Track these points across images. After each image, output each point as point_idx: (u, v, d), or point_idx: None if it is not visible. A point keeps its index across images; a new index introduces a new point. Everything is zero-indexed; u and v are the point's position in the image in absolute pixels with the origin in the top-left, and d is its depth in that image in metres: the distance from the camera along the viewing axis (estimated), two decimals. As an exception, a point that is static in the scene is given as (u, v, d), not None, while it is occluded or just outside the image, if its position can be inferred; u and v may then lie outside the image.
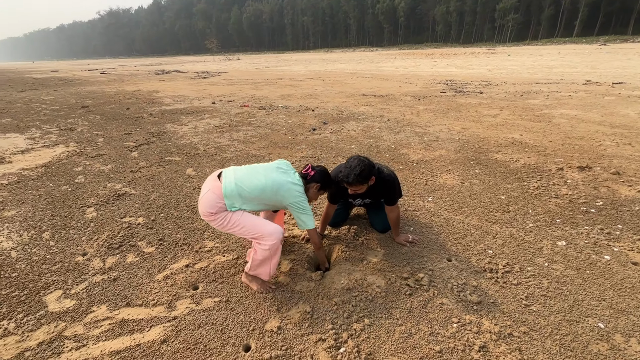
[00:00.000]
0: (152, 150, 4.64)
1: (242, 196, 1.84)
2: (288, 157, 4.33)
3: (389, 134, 5.38)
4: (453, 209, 2.95)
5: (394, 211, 2.35)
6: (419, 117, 6.58)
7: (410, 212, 2.91)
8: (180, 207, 3.04)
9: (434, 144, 4.85)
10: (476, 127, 5.72)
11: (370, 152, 4.52)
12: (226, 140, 5.17)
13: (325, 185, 2.07)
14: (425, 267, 2.17)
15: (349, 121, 6.31)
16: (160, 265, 2.23)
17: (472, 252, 2.33)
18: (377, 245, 2.43)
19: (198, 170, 3.92)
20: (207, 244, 2.48)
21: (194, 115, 6.98)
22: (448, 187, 3.38)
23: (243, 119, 6.56)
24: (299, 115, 6.90)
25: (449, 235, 2.54)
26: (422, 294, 1.94)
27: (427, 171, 3.82)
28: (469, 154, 4.40)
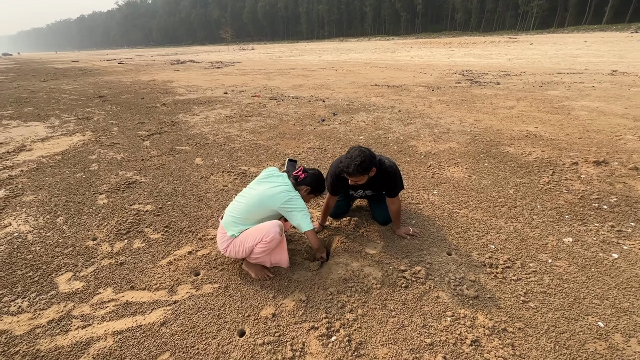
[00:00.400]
0: (163, 140, 4.74)
1: (235, 222, 1.98)
2: (295, 148, 4.35)
3: (399, 126, 5.31)
4: (458, 203, 2.91)
5: (394, 203, 2.34)
6: (431, 108, 6.45)
7: (413, 205, 2.88)
8: (187, 196, 3.11)
9: (444, 136, 4.76)
10: (490, 119, 5.56)
11: (378, 144, 4.48)
12: (235, 130, 5.22)
13: (316, 189, 2.09)
14: (424, 260, 2.16)
15: (359, 112, 6.25)
16: (164, 252, 2.31)
17: (473, 247, 2.30)
18: (377, 237, 2.43)
19: (206, 160, 3.99)
20: (211, 232, 2.54)
21: (205, 105, 7.06)
22: (455, 181, 3.33)
23: (253, 110, 6.59)
24: (309, 105, 6.87)
25: (451, 229, 2.51)
26: (418, 287, 1.93)
27: (434, 164, 3.76)
28: (479, 146, 4.29)
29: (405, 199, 3.00)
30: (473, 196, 3.02)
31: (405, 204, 2.92)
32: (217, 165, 3.83)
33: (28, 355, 1.60)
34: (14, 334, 1.70)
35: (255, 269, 2.06)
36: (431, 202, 2.93)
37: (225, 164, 3.87)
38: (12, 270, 2.13)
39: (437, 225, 2.58)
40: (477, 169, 3.59)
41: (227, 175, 3.55)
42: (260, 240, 1.90)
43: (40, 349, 1.63)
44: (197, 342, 1.65)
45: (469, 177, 3.40)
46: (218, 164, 3.85)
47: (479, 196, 3.01)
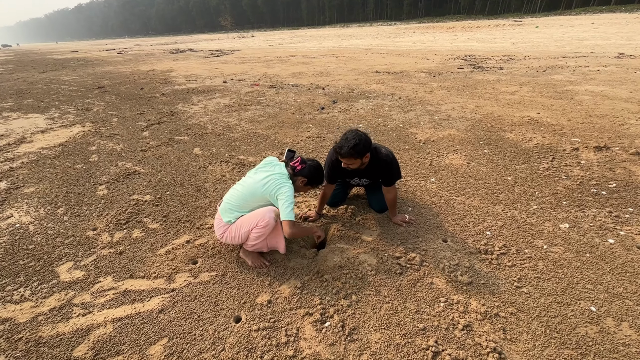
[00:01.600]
0: (162, 130, 4.74)
1: (232, 209, 2.00)
2: (294, 137, 4.33)
3: (399, 113, 5.25)
4: (455, 190, 2.90)
5: (390, 192, 2.34)
6: (432, 94, 6.36)
7: (410, 193, 2.88)
8: (186, 186, 3.13)
9: (444, 123, 4.71)
10: (491, 105, 5.48)
11: (377, 132, 4.45)
12: (234, 119, 5.20)
13: (313, 180, 2.09)
14: (419, 247, 2.17)
15: (359, 100, 6.19)
16: (163, 241, 2.34)
17: (469, 234, 2.31)
18: (374, 225, 2.44)
19: (205, 150, 3.99)
20: (209, 222, 2.56)
21: (204, 94, 7.02)
22: (453, 168, 3.32)
23: (252, 98, 6.54)
24: (308, 94, 6.81)
25: (447, 216, 2.52)
26: (413, 274, 1.95)
27: (433, 151, 3.74)
28: (479, 133, 4.25)
29: (402, 186, 3.00)
30: (471, 183, 3.01)
31: (402, 191, 2.91)
32: (215, 155, 3.83)
33: (31, 342, 1.65)
34: (17, 321, 1.75)
35: (252, 257, 2.09)
36: (428, 190, 2.92)
37: (224, 153, 3.87)
38: (15, 260, 2.17)
39: (434, 212, 2.58)
40: (477, 156, 3.57)
41: (225, 165, 3.55)
42: (256, 225, 1.92)
43: (42, 335, 1.68)
44: (194, 328, 1.69)
45: (468, 164, 3.38)
46: (216, 154, 3.85)
47: (477, 183, 3.00)
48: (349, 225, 2.44)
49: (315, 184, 2.14)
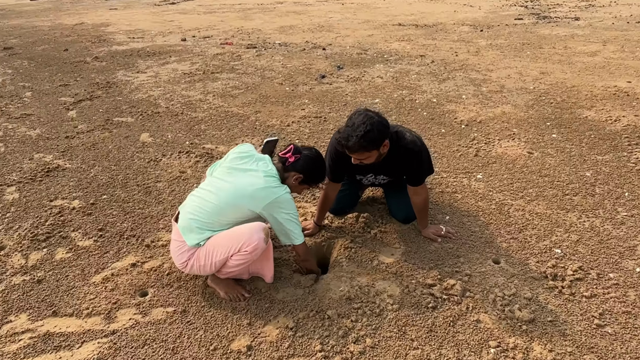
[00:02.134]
0: (96, 108, 4.77)
1: (201, 227, 2.00)
2: (283, 118, 4.36)
3: (431, 83, 5.29)
4: (511, 191, 2.93)
5: (419, 194, 2.36)
6: (478, 56, 6.40)
7: (448, 195, 2.91)
8: (130, 187, 3.15)
9: (496, 96, 4.74)
10: (562, 70, 5.52)
11: (401, 110, 4.47)
12: (198, 93, 5.23)
13: (311, 178, 2.11)
14: (461, 270, 2.20)
15: (374, 64, 6.23)
16: (98, 264, 2.36)
17: (532, 252, 2.34)
18: (396, 240, 2.47)
19: (156, 136, 4.02)
20: (163, 237, 2.59)
21: (155, 58, 7.05)
22: (508, 160, 3.35)
23: (224, 63, 6.57)
24: (303, 56, 6.84)
25: (500, 228, 2.55)
26: (451, 308, 1.98)
27: (480, 136, 3.78)
28: (545, 110, 4.28)
29: (436, 186, 3.02)
30: (534, 181, 3.03)
31: (435, 193, 2.93)
32: (171, 143, 3.86)
33: None
34: None
35: (226, 286, 2.11)
36: (474, 190, 2.95)
37: (183, 141, 3.90)
38: None
39: (481, 222, 2.60)
40: (542, 143, 3.60)
41: (186, 157, 3.58)
42: (238, 251, 1.93)
43: None
44: (144, 386, 1.71)
45: (529, 155, 3.41)
46: (173, 142, 3.88)
47: (543, 181, 3.03)
48: (360, 242, 2.46)
49: (313, 182, 2.16)
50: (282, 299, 2.08)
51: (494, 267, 2.23)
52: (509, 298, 2.02)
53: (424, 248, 2.40)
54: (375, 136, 1.96)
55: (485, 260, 2.29)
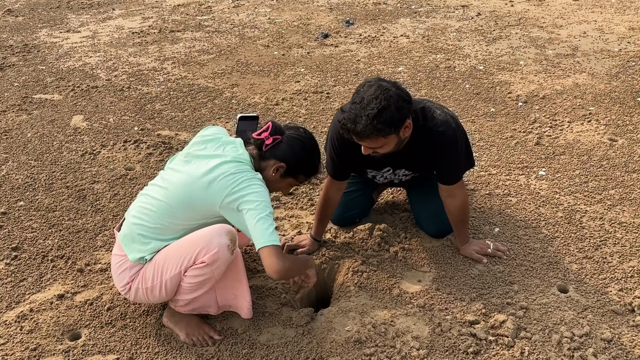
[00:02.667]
0: (9, 82, 4.81)
1: (146, 233, 2.03)
2: (270, 93, 4.39)
3: (477, 44, 5.31)
4: (585, 193, 2.95)
5: (455, 196, 2.38)
6: (542, 7, 6.40)
7: (498, 198, 2.93)
8: (56, 190, 3.19)
9: (566, 62, 4.76)
10: (661, 25, 5.52)
11: (435, 81, 4.50)
12: (152, 60, 5.26)
13: (298, 168, 2.10)
14: (514, 302, 2.22)
15: (397, 18, 6.25)
16: (11, 296, 2.39)
17: (613, 276, 2.36)
18: (424, 261, 2.49)
19: (93, 120, 4.06)
20: (102, 258, 2.62)
21: (93, 11, 7.09)
22: (582, 150, 3.37)
23: (187, 18, 6.59)
24: (298, 6, 6.86)
25: (569, 243, 2.57)
26: (500, 353, 2.00)
27: (543, 117, 3.80)
28: (635, 81, 4.29)
29: (482, 186, 3.05)
30: (617, 179, 3.06)
31: (481, 195, 2.96)
32: (114, 129, 3.90)
33: None
34: None
35: (187, 325, 2.13)
36: (534, 192, 2.97)
37: (131, 126, 3.94)
38: None
39: (544, 235, 2.62)
40: (629, 127, 3.62)
41: (134, 149, 3.62)
42: (193, 262, 1.95)
43: None
44: None
45: (611, 143, 3.44)
46: (117, 127, 3.92)
47: (630, 179, 3.05)
48: (376, 263, 2.48)
49: (302, 175, 2.15)
50: (267, 343, 2.09)
51: (559, 297, 2.24)
52: (580, 340, 2.03)
53: (464, 272, 2.40)
54: (392, 115, 1.97)
55: (548, 287, 2.29)
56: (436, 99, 4.15)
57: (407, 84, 4.45)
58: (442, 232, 2.61)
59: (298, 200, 3.03)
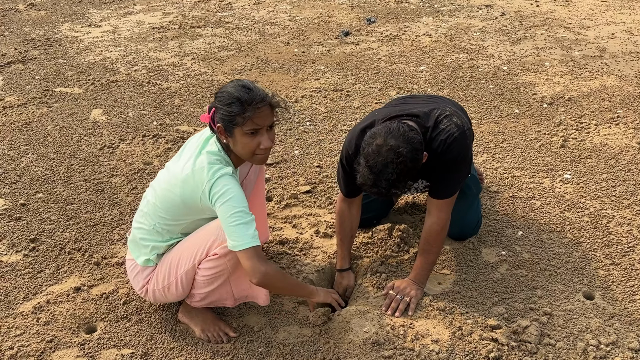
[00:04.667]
0: (30, 75, 4.87)
1: (145, 238, 2.06)
2: (290, 90, 4.38)
3: (501, 44, 5.25)
4: (613, 197, 2.91)
5: (439, 212, 2.24)
6: (568, 7, 6.33)
7: (522, 201, 2.90)
8: (75, 182, 3.21)
9: (594, 63, 4.69)
10: (691, 28, 5.44)
11: (458, 81, 4.45)
12: (171, 55, 5.29)
13: (225, 116, 1.88)
14: (537, 308, 2.19)
15: (420, 17, 6.21)
16: (29, 287, 2.41)
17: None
18: (445, 263, 2.47)
19: (112, 114, 4.08)
20: (118, 252, 2.63)
21: (114, 6, 7.15)
22: (609, 153, 3.33)
23: (208, 14, 6.62)
24: (319, 4, 6.85)
25: (596, 249, 2.53)
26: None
27: (569, 120, 3.75)
28: (665, 84, 4.22)
29: (505, 188, 3.01)
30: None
31: (504, 198, 2.92)
32: (133, 123, 3.92)
33: None
34: None
35: (203, 321, 2.13)
36: (558, 196, 2.94)
37: (150, 120, 3.96)
38: None
39: (569, 240, 2.59)
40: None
41: (153, 143, 3.63)
42: (206, 254, 1.95)
43: None
44: None
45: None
46: (135, 122, 3.94)
47: (659, 184, 3.01)
48: (395, 264, 2.46)
49: (237, 114, 1.87)
50: (283, 342, 2.08)
51: (585, 304, 2.20)
52: (606, 348, 1.99)
53: (485, 275, 2.37)
54: (410, 171, 1.96)
55: (573, 294, 2.26)
56: (459, 99, 4.10)
57: (429, 84, 4.42)
58: (463, 234, 2.59)
59: (316, 198, 3.01)
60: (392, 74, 4.65)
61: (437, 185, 2.24)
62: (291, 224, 2.83)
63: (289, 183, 3.18)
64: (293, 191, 3.07)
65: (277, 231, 2.76)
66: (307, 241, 2.67)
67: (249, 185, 2.31)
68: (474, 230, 2.62)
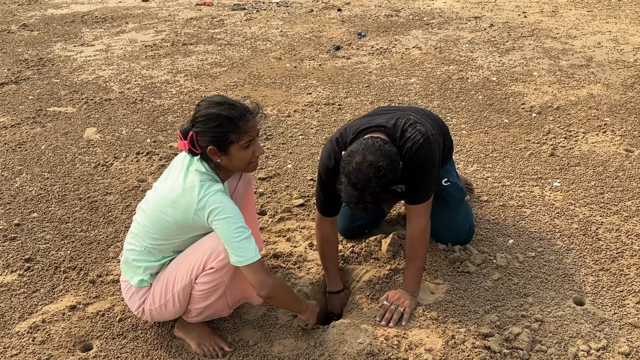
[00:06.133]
0: (23, 95, 4.88)
1: (138, 259, 2.07)
2: (282, 105, 4.41)
3: (490, 55, 5.31)
4: (601, 204, 2.93)
5: (412, 220, 2.28)
6: (555, 18, 6.40)
7: (512, 210, 2.92)
8: (69, 201, 3.22)
9: (580, 72, 4.74)
10: (676, 35, 5.51)
11: (448, 92, 4.49)
12: (164, 72, 5.32)
13: (220, 137, 1.90)
14: (529, 315, 2.20)
15: (409, 30, 6.26)
16: (24, 307, 2.41)
17: (629, 289, 2.33)
18: (438, 272, 2.48)
19: (106, 132, 4.10)
20: (113, 270, 2.63)
21: (106, 25, 7.19)
22: (597, 161, 3.35)
23: (200, 31, 6.66)
24: (310, 20, 6.91)
25: (585, 255, 2.54)
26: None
27: (558, 128, 3.78)
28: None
29: (496, 197, 3.03)
30: (634, 190, 3.04)
31: (494, 207, 2.95)
32: (126, 141, 3.93)
33: None
34: None
35: (199, 335, 2.13)
36: (548, 204, 2.96)
37: (144, 138, 3.97)
38: None
39: (559, 247, 2.60)
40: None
41: (147, 161, 3.65)
42: (203, 268, 1.96)
43: None
44: None
45: (627, 154, 3.41)
46: (129, 140, 3.95)
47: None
48: (387, 276, 2.47)
49: (230, 132, 1.90)
50: (278, 355, 2.08)
51: (575, 310, 2.21)
52: (597, 353, 2.00)
53: (477, 284, 2.38)
54: (392, 181, 2.03)
55: (564, 300, 2.27)
56: (449, 110, 4.15)
57: (420, 96, 4.46)
58: (458, 240, 2.61)
59: (310, 211, 3.03)
60: (383, 87, 4.69)
61: (411, 192, 2.27)
62: (285, 237, 2.84)
63: (282, 197, 3.20)
64: (287, 205, 3.09)
65: (271, 245, 2.77)
66: (301, 254, 2.68)
67: (239, 198, 2.32)
68: (468, 235, 2.64)
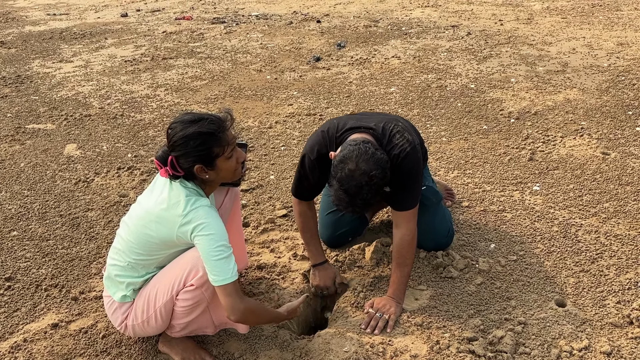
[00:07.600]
0: (1, 113, 4.84)
1: (120, 274, 2.06)
2: (264, 116, 4.42)
3: (468, 63, 5.37)
4: (580, 206, 2.97)
5: (399, 226, 2.31)
6: (531, 25, 6.49)
7: (493, 214, 2.95)
8: (50, 218, 3.19)
9: (557, 78, 4.81)
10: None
11: (427, 100, 4.53)
12: (144, 87, 5.31)
13: (205, 154, 1.90)
14: (512, 318, 2.22)
15: (388, 40, 6.32)
16: (4, 327, 2.37)
17: (610, 289, 2.36)
18: (422, 278, 2.49)
19: (86, 148, 4.07)
20: (96, 286, 2.61)
21: (85, 41, 7.17)
22: (575, 164, 3.40)
23: (179, 45, 6.67)
24: (290, 32, 6.94)
25: (565, 257, 2.57)
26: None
27: (536, 133, 3.83)
28: (625, 95, 4.33)
29: (476, 203, 3.06)
30: (611, 192, 3.08)
31: (476, 212, 2.97)
32: (107, 156, 3.91)
33: None
34: None
35: (183, 350, 2.12)
36: (528, 208, 2.99)
37: (124, 153, 3.95)
38: None
39: (539, 250, 2.63)
40: (621, 140, 3.65)
41: (128, 176, 3.63)
42: (184, 285, 1.96)
43: None
44: None
45: (604, 157, 3.46)
46: (110, 155, 3.93)
47: (624, 192, 3.07)
48: (371, 284, 2.48)
49: (215, 147, 1.91)
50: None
51: (557, 312, 2.23)
52: (579, 353, 2.02)
53: (461, 288, 2.40)
54: (382, 187, 2.10)
55: (546, 302, 2.29)
56: (428, 118, 4.18)
57: (400, 104, 4.49)
58: (438, 244, 2.63)
59: (293, 222, 3.03)
60: (364, 97, 4.73)
61: (399, 198, 2.30)
62: (269, 248, 2.84)
63: (265, 208, 3.20)
64: (270, 216, 3.09)
65: (255, 256, 2.76)
66: (285, 265, 2.68)
67: (225, 213, 2.32)
68: (447, 238, 2.64)
